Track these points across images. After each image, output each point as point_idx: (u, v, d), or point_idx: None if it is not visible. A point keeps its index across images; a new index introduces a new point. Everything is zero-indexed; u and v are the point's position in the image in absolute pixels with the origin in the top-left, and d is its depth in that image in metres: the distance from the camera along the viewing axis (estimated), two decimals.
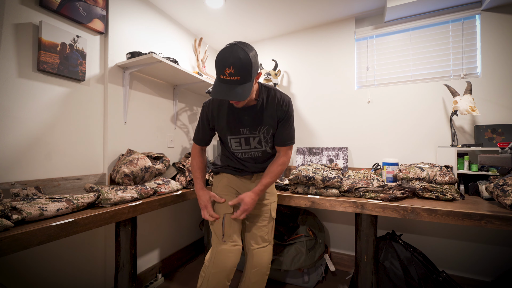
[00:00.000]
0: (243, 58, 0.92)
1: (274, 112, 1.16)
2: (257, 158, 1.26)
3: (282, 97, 1.18)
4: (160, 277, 1.84)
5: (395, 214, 1.21)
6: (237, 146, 1.23)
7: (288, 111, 1.18)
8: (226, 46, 0.95)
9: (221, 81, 0.96)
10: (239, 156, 1.26)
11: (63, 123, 1.38)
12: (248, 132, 1.18)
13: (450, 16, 1.82)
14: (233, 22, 2.16)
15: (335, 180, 1.40)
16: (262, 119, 1.16)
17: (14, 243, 0.81)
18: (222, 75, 0.94)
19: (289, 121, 1.19)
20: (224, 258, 1.16)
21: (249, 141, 1.20)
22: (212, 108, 1.20)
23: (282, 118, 1.17)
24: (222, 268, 1.15)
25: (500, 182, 1.16)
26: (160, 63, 1.55)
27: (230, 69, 0.91)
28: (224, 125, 1.19)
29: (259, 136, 1.19)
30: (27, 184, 1.20)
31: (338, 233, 2.11)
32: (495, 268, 1.66)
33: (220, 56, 0.93)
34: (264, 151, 1.24)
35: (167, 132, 2.06)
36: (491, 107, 1.69)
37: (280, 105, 1.16)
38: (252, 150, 1.23)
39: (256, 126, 1.17)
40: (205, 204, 1.23)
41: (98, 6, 1.51)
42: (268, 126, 1.18)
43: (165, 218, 2.00)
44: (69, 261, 1.38)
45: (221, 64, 0.93)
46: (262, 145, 1.22)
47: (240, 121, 1.16)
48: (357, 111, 2.07)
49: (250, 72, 0.95)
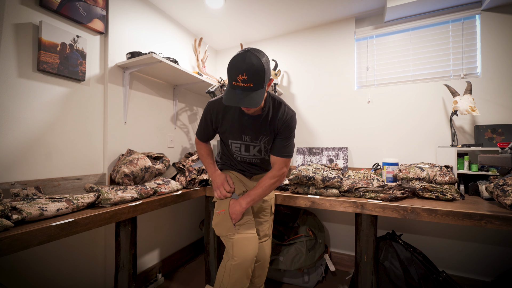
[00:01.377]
0: (256, 64, 0.91)
1: (276, 124, 1.14)
2: (255, 164, 1.30)
3: (287, 110, 1.15)
4: (160, 277, 1.84)
5: (395, 214, 1.21)
6: (237, 150, 1.24)
7: (290, 125, 1.14)
8: (238, 53, 0.94)
9: (234, 88, 0.94)
10: (238, 158, 1.29)
11: (63, 123, 1.38)
12: (249, 140, 1.18)
13: (450, 16, 1.82)
14: (233, 22, 2.16)
15: (335, 180, 1.40)
16: (265, 129, 1.14)
17: (14, 243, 0.81)
18: (234, 81, 0.92)
19: (290, 136, 1.16)
20: (243, 246, 1.12)
21: (249, 149, 1.21)
22: (217, 109, 1.17)
23: (282, 131, 1.14)
24: (243, 258, 1.10)
25: (500, 182, 1.16)
26: (160, 63, 1.55)
27: (243, 76, 0.90)
28: (227, 128, 1.19)
29: (260, 146, 1.20)
30: (27, 184, 1.20)
31: (338, 233, 2.11)
32: (495, 268, 1.66)
33: (233, 63, 0.92)
34: (263, 159, 1.26)
35: (167, 132, 2.06)
36: (491, 107, 1.69)
37: (283, 118, 1.13)
38: (250, 157, 1.25)
39: (258, 135, 1.16)
40: (222, 182, 1.23)
41: (98, 6, 1.51)
42: (270, 137, 1.17)
43: (165, 218, 2.00)
44: (69, 261, 1.38)
45: (234, 71, 0.92)
46: (261, 153, 1.23)
47: (243, 128, 1.15)
48: (357, 111, 2.07)
49: (263, 78, 0.94)
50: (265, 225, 1.33)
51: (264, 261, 1.31)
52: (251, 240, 1.15)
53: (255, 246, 1.16)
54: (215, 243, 1.68)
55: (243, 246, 1.13)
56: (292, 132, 1.16)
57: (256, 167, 1.31)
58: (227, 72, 0.95)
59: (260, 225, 1.33)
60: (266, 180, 1.17)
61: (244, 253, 1.12)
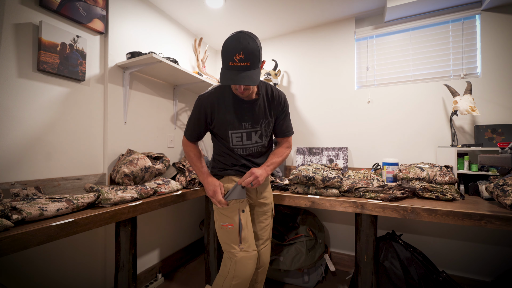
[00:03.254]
0: (252, 44, 0.93)
1: (274, 106, 1.21)
2: (255, 154, 1.23)
3: (279, 92, 1.24)
4: (160, 277, 1.84)
5: (395, 214, 1.21)
6: (238, 141, 1.18)
7: (285, 105, 1.26)
8: (231, 34, 0.95)
9: (230, 68, 0.95)
10: (239, 152, 1.20)
11: (63, 123, 1.38)
12: (250, 126, 1.16)
13: (450, 16, 1.82)
14: (233, 22, 2.16)
15: (335, 180, 1.40)
16: (264, 112, 1.18)
17: (14, 243, 0.81)
18: (231, 61, 0.93)
19: (288, 114, 1.28)
20: (245, 267, 1.11)
21: (250, 136, 1.18)
22: (211, 101, 1.13)
23: (281, 112, 1.24)
24: (244, 278, 1.11)
25: (500, 182, 1.16)
26: (160, 63, 1.55)
27: (240, 55, 0.91)
28: (225, 119, 1.13)
29: (261, 130, 1.19)
30: (27, 184, 1.20)
31: (338, 233, 2.11)
32: (495, 268, 1.66)
33: (228, 43, 0.93)
34: (263, 145, 1.24)
35: (167, 132, 2.06)
36: (491, 107, 1.69)
37: (279, 100, 1.22)
38: (253, 145, 1.20)
39: (258, 119, 1.17)
40: (214, 190, 1.13)
41: (98, 6, 1.51)
42: (269, 120, 1.21)
43: (165, 218, 2.00)
44: (69, 261, 1.38)
45: (229, 51, 0.92)
46: (262, 139, 1.21)
47: (242, 115, 1.14)
48: (357, 111, 2.07)
49: (258, 58, 0.96)
50: (266, 229, 1.29)
51: (266, 265, 1.28)
52: (253, 258, 1.14)
53: (255, 262, 1.16)
54: (215, 243, 1.68)
55: (246, 265, 1.11)
56: (288, 111, 1.29)
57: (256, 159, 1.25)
58: (222, 53, 0.96)
59: (262, 230, 1.28)
60: (282, 149, 1.29)
61: (245, 273, 1.11)
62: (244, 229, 1.14)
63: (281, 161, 1.25)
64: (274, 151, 1.28)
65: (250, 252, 1.13)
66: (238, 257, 1.11)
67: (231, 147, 1.20)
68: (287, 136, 1.29)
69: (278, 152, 1.27)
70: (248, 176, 1.13)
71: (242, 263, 1.11)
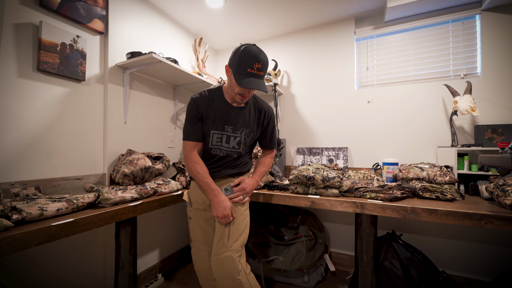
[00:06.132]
0: (266, 58, 1.07)
1: (259, 117, 1.26)
2: (229, 162, 1.23)
3: (267, 105, 1.29)
4: (160, 277, 1.84)
5: (395, 214, 1.21)
6: (218, 142, 1.19)
7: (272, 118, 1.31)
8: (249, 45, 1.05)
9: (248, 75, 1.04)
10: (215, 152, 1.20)
11: (63, 123, 1.38)
12: (231, 130, 1.20)
13: (450, 16, 1.82)
14: (233, 22, 2.16)
15: (335, 180, 1.40)
16: (246, 121, 1.22)
17: (14, 243, 0.81)
18: (250, 69, 1.03)
19: (274, 128, 1.34)
20: (194, 260, 1.27)
21: (229, 140, 1.21)
22: (202, 100, 1.18)
23: (267, 125, 1.29)
24: (197, 269, 1.27)
25: (500, 182, 1.16)
26: (160, 63, 1.55)
27: (258, 65, 1.03)
28: (211, 117, 1.17)
29: (240, 137, 1.21)
30: (27, 184, 1.20)
31: (338, 233, 2.11)
32: (495, 268, 1.66)
33: (250, 52, 1.02)
34: (240, 153, 1.24)
35: (167, 132, 2.06)
36: (491, 107, 1.69)
37: (265, 114, 1.27)
38: (229, 149, 1.21)
39: (240, 126, 1.20)
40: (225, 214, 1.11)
41: (98, 6, 1.51)
42: (250, 130, 1.23)
43: (165, 218, 2.00)
44: (69, 261, 1.38)
45: (252, 59, 1.02)
46: (240, 146, 1.22)
47: (226, 118, 1.18)
48: (357, 111, 2.07)
49: (266, 70, 1.11)
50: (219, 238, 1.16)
51: (221, 280, 1.11)
52: (201, 256, 1.27)
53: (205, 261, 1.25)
54: None
55: (195, 259, 1.29)
56: (275, 124, 1.35)
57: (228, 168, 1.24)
58: (242, 59, 1.03)
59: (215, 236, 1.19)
60: (268, 158, 1.34)
61: (196, 265, 1.28)
62: (191, 232, 1.28)
63: (267, 170, 1.34)
64: (260, 160, 1.35)
65: (198, 250, 1.26)
66: (191, 250, 1.29)
67: (209, 147, 1.20)
68: (272, 149, 1.36)
69: (263, 161, 1.34)
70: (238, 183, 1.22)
71: (193, 257, 1.28)
